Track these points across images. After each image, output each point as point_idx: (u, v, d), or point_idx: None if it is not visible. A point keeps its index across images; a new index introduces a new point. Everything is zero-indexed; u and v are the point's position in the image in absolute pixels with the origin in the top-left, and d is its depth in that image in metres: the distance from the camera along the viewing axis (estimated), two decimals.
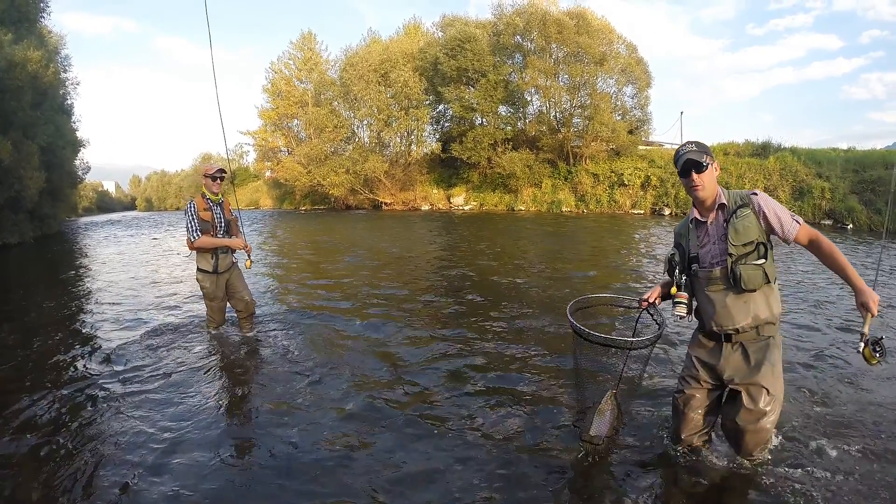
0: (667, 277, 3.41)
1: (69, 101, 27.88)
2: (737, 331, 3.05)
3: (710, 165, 2.99)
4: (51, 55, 23.09)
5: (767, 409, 2.98)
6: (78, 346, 6.12)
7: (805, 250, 3.04)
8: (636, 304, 3.48)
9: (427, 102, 35.13)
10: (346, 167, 35.38)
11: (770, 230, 2.93)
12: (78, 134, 29.72)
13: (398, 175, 35.84)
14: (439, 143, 35.72)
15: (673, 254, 3.27)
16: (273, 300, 8.08)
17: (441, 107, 35.98)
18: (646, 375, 4.28)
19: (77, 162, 31.25)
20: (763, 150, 25.32)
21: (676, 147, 3.21)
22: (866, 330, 2.77)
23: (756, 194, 2.99)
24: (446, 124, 36.61)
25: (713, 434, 3.41)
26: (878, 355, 2.77)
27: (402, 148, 37.97)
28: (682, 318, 3.16)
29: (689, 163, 2.99)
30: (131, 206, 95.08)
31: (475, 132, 31.43)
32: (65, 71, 26.27)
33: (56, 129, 23.39)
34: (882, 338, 2.82)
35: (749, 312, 2.98)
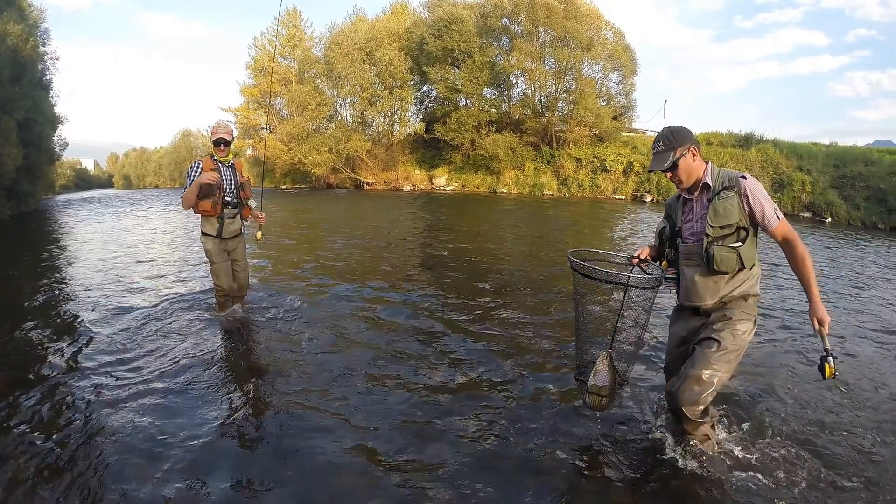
0: (656, 241, 3.40)
1: (48, 77, 26.23)
2: (703, 307, 3.08)
3: (682, 158, 2.95)
4: (31, 29, 21.88)
5: (712, 358, 2.93)
6: (64, 331, 5.63)
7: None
8: (627, 262, 3.46)
9: (412, 82, 34.14)
10: (329, 146, 34.20)
11: (752, 217, 2.89)
12: (56, 110, 28.22)
13: (381, 155, 34.91)
14: (423, 124, 34.85)
15: (664, 227, 3.28)
16: (264, 280, 7.72)
17: (425, 87, 35.04)
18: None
19: (55, 138, 29.68)
20: (745, 142, 25.05)
21: None
22: (828, 346, 2.79)
23: (745, 178, 2.92)
24: (430, 105, 35.66)
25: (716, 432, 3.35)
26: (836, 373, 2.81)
27: (386, 127, 36.98)
28: (670, 290, 3.29)
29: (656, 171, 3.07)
30: (109, 183, 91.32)
31: (459, 113, 30.72)
32: (44, 45, 24.79)
33: (34, 105, 22.14)
34: (836, 356, 2.82)
35: (717, 293, 2.99)
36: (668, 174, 3.03)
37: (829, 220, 19.67)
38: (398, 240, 12.26)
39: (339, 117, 37.79)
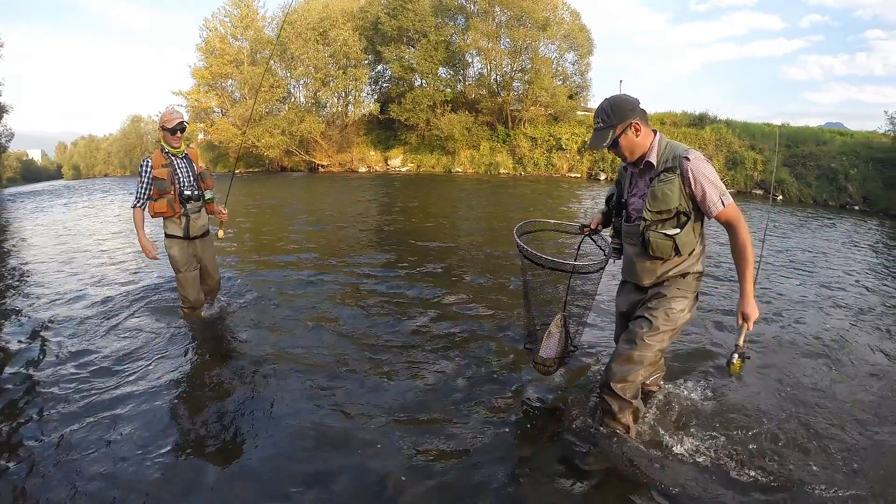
0: (604, 208, 3.29)
1: None
2: (641, 285, 3.00)
3: (622, 135, 2.73)
4: None
5: (645, 337, 2.84)
6: (16, 333, 5.01)
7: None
8: (578, 231, 3.43)
9: (366, 62, 32.75)
10: (282, 128, 32.56)
11: (693, 200, 2.68)
12: (0, 99, 26.71)
13: (335, 136, 33.37)
14: (377, 104, 33.58)
15: (613, 193, 3.15)
16: (228, 267, 7.16)
17: (380, 67, 33.74)
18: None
19: (0, 129, 28.23)
20: (700, 121, 24.78)
21: None
22: (741, 342, 2.72)
23: (688, 158, 2.65)
24: (385, 85, 34.42)
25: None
26: (741, 370, 2.74)
27: (340, 108, 35.35)
28: (613, 260, 3.22)
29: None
30: (58, 174, 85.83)
31: (414, 93, 29.55)
32: None
33: None
34: (749, 357, 2.77)
35: (654, 274, 2.89)
36: (612, 151, 2.83)
37: (781, 197, 19.52)
38: (359, 222, 11.74)
39: (293, 99, 36.32)
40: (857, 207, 17.81)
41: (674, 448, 3.02)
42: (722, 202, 2.62)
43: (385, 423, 3.34)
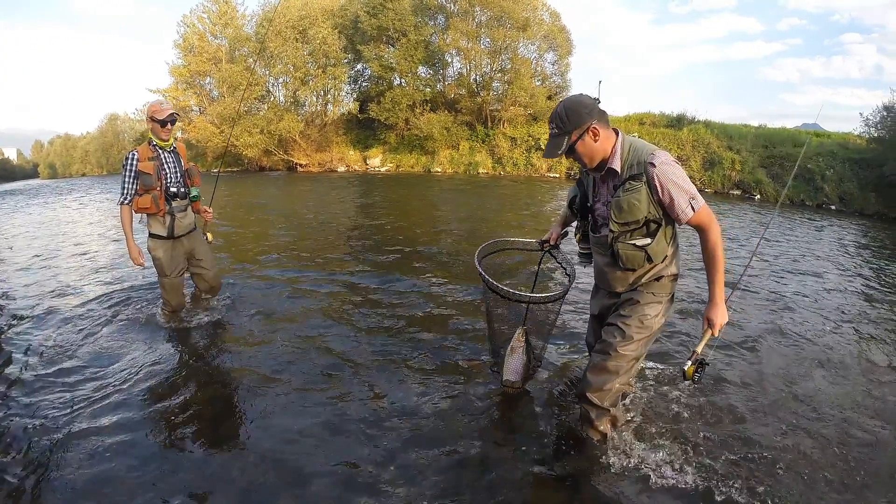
0: (566, 212, 3.17)
1: None
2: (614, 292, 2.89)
3: (579, 142, 2.53)
4: None
5: (618, 347, 2.72)
6: None
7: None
8: (538, 248, 3.38)
9: (345, 61, 32.10)
10: (261, 127, 31.83)
11: (662, 206, 2.52)
12: None
13: (314, 135, 32.68)
14: (357, 103, 32.93)
15: (575, 195, 2.96)
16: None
17: (359, 66, 33.10)
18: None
19: None
20: (678, 122, 24.53)
21: None
22: (699, 349, 2.62)
23: (654, 164, 2.46)
24: (364, 84, 33.81)
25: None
26: (697, 376, 2.60)
27: (319, 107, 34.72)
28: (584, 265, 3.12)
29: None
30: (34, 173, 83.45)
31: (393, 93, 28.88)
32: None
33: None
34: (708, 364, 2.64)
35: (627, 282, 2.78)
36: (572, 157, 2.62)
37: (758, 196, 19.52)
38: (343, 223, 11.35)
39: (272, 98, 35.68)
40: (833, 207, 17.88)
41: (654, 458, 2.87)
42: (692, 207, 2.48)
43: (370, 428, 3.29)
